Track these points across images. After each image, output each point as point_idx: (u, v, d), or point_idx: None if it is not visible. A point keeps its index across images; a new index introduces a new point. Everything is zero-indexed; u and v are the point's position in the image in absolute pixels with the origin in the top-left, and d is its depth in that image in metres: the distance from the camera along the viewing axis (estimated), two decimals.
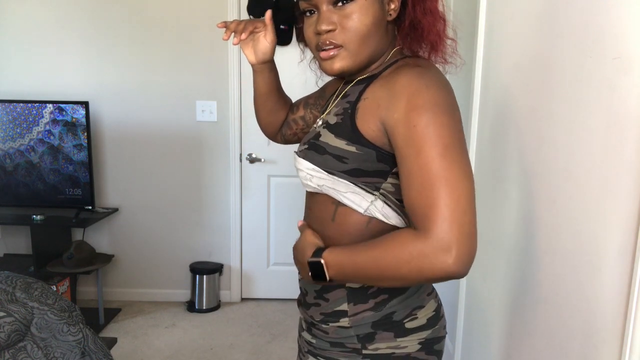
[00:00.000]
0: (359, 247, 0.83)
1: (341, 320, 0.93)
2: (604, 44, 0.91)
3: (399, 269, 0.76)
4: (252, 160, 3.12)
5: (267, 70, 1.13)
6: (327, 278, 0.85)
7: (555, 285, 1.09)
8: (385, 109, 0.82)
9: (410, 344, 0.92)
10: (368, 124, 0.85)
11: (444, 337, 0.98)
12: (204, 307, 3.09)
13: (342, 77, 1.01)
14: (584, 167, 0.97)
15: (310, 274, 0.87)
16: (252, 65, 1.12)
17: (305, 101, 1.20)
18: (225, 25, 1.08)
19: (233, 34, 1.06)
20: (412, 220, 0.77)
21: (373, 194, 0.88)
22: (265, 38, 1.08)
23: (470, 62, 1.74)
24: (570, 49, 1.04)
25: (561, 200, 1.06)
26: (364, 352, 0.92)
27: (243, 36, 1.05)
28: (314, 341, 0.99)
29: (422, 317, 0.93)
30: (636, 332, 0.79)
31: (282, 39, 2.92)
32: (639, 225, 0.80)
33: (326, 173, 0.88)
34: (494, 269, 1.52)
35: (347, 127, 0.87)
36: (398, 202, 0.89)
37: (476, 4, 1.71)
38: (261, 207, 3.19)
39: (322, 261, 0.85)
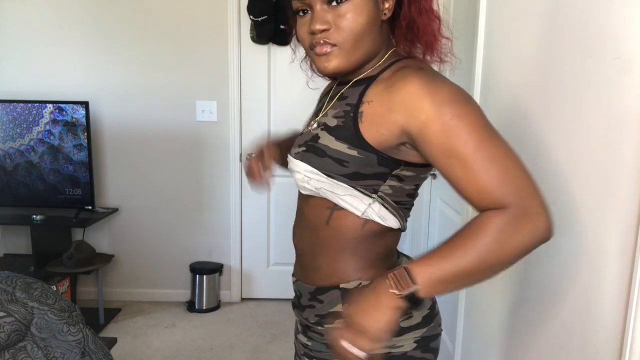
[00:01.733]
0: (444, 248, 0.77)
1: (336, 322, 0.92)
2: (604, 44, 0.91)
3: (501, 252, 0.74)
4: None
5: (280, 163, 1.18)
6: (418, 289, 0.75)
7: (555, 285, 1.09)
8: (402, 113, 0.80)
9: (406, 342, 0.92)
10: (377, 128, 0.83)
11: (439, 334, 0.98)
12: (204, 307, 3.09)
13: (335, 78, 1.01)
14: (584, 167, 0.97)
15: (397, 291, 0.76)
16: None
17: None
18: (254, 178, 1.14)
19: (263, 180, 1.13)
20: (485, 206, 0.77)
21: (371, 197, 0.87)
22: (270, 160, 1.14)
23: (470, 62, 1.74)
24: (570, 49, 1.04)
25: (561, 200, 1.06)
26: None
27: (266, 177, 1.11)
28: (309, 343, 0.99)
29: (417, 315, 0.93)
30: (636, 332, 0.79)
31: (282, 39, 2.93)
32: (639, 225, 0.80)
33: (325, 176, 0.87)
34: None
35: (349, 131, 0.86)
36: (395, 203, 0.89)
37: (476, 4, 1.71)
38: (261, 207, 3.19)
39: (407, 268, 0.75)
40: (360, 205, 0.87)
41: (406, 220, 0.95)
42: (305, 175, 0.90)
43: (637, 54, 0.81)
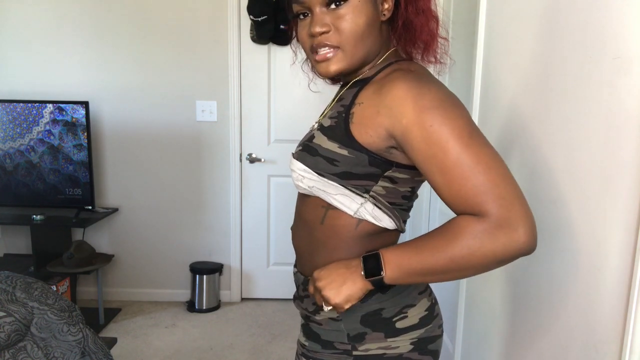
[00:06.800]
0: (418, 243, 0.80)
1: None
2: (604, 44, 0.91)
3: (472, 258, 0.74)
4: (252, 160, 3.12)
5: None
6: (384, 274, 0.80)
7: (555, 285, 1.09)
8: (388, 116, 0.81)
9: (402, 344, 0.91)
10: (365, 129, 0.84)
11: (439, 336, 0.97)
12: (204, 307, 3.09)
13: (337, 80, 1.01)
14: (584, 167, 0.97)
15: (363, 273, 0.82)
16: None
17: None
18: None
19: None
20: (461, 210, 0.76)
21: (363, 197, 0.88)
22: None
23: (470, 62, 1.74)
24: (570, 49, 1.04)
25: (561, 200, 1.06)
26: (355, 353, 0.92)
27: None
28: (306, 343, 0.99)
29: (413, 315, 0.93)
30: (636, 332, 0.79)
31: (282, 39, 2.93)
32: (639, 225, 0.80)
33: (317, 175, 0.88)
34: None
35: (340, 131, 0.87)
36: (389, 204, 0.89)
37: (476, 4, 1.71)
38: (261, 207, 3.19)
39: (380, 253, 0.82)
40: (353, 205, 0.88)
41: (405, 222, 0.95)
42: (300, 174, 0.91)
43: (637, 54, 0.82)
